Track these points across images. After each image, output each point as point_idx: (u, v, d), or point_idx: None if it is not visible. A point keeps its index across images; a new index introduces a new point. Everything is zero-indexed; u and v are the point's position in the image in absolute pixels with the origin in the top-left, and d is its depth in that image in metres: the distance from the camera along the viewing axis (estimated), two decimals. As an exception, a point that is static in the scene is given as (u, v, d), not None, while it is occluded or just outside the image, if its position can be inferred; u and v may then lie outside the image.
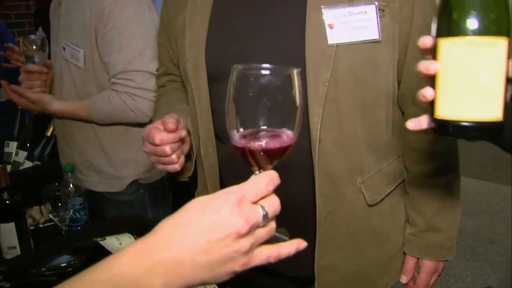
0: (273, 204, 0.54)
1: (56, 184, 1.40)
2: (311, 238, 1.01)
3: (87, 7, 1.41)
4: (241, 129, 0.59)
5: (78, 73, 1.46)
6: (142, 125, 1.48)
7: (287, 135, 0.59)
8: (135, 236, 1.10)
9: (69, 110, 1.49)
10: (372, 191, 1.04)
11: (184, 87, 1.15)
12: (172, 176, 1.68)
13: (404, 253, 1.12)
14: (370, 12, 0.94)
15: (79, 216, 1.43)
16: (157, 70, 1.34)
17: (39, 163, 1.80)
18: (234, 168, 0.92)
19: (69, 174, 1.42)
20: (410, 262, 1.11)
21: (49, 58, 1.58)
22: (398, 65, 1.02)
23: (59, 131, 1.60)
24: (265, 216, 0.52)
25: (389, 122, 1.04)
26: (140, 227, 1.14)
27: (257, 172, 0.61)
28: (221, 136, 1.07)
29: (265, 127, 0.58)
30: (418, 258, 1.11)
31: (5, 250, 1.24)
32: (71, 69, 1.47)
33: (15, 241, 1.23)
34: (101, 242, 1.03)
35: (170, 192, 1.64)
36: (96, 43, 1.41)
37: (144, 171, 1.54)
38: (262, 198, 0.53)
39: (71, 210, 1.40)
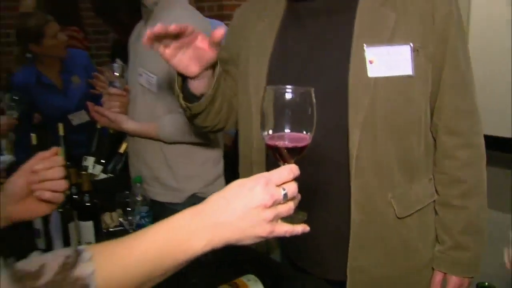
0: (292, 188, 0.70)
1: (127, 192, 1.61)
2: (345, 242, 1.14)
3: (162, 41, 1.63)
4: (271, 132, 0.76)
5: (151, 97, 1.68)
6: (203, 144, 1.68)
7: (305, 137, 0.77)
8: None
9: (140, 129, 1.71)
10: (402, 206, 1.15)
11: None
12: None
13: (433, 268, 1.22)
14: (405, 52, 1.09)
15: (144, 222, 1.62)
16: None
17: (112, 175, 2.03)
18: None
19: (138, 185, 1.63)
20: (438, 276, 1.20)
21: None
22: (431, 98, 1.15)
23: (130, 147, 1.82)
24: (285, 195, 0.69)
25: (420, 147, 1.16)
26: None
27: (282, 165, 0.78)
28: None
29: (289, 131, 0.76)
30: (445, 273, 1.19)
31: (83, 245, 1.45)
32: (145, 93, 1.70)
33: (92, 238, 1.44)
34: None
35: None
36: (169, 71, 1.63)
37: (203, 186, 1.72)
38: (285, 183, 0.69)
39: (138, 216, 1.60)
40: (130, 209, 1.58)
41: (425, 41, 1.09)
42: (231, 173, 2.06)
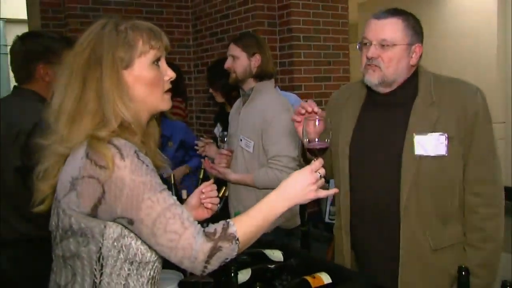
0: (322, 171, 1.30)
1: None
2: (396, 264, 1.67)
3: (257, 117, 2.31)
4: (308, 141, 1.40)
5: (248, 156, 2.34)
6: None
7: (326, 143, 1.39)
8: (282, 253, 1.84)
9: (240, 179, 2.35)
10: (436, 241, 1.67)
11: None
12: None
13: None
14: (442, 138, 1.64)
15: (241, 246, 2.23)
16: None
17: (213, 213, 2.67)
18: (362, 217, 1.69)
19: (237, 219, 2.24)
20: None
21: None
22: (463, 169, 1.66)
23: (232, 192, 2.47)
24: (320, 176, 1.28)
25: (454, 202, 1.68)
26: (284, 248, 1.88)
27: (314, 159, 1.35)
28: (356, 195, 1.78)
29: (317, 140, 1.40)
30: None
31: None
32: (244, 153, 2.36)
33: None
34: (262, 250, 1.80)
35: (299, 237, 2.39)
36: (261, 138, 2.28)
37: (285, 221, 2.32)
38: (318, 169, 1.29)
39: (238, 241, 2.21)
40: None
41: (458, 130, 1.63)
42: (301, 212, 2.64)
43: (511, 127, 5.60)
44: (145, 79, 1.23)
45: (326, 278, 1.60)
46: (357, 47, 1.73)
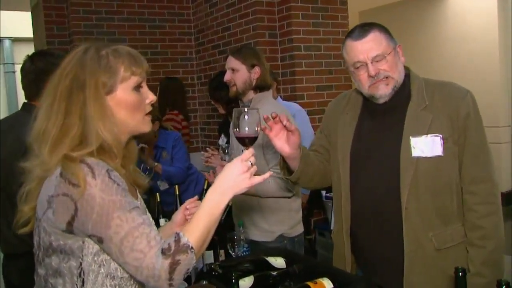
0: (252, 159, 1.30)
1: (234, 232, 2.26)
2: (400, 265, 1.69)
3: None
4: (238, 130, 1.42)
5: (250, 165, 2.38)
6: (287, 198, 2.32)
7: (255, 133, 1.42)
8: (285, 259, 1.87)
9: (243, 188, 2.39)
10: (439, 242, 1.69)
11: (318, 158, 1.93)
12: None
13: None
14: (437, 140, 1.68)
15: (246, 254, 2.26)
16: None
17: (218, 223, 2.71)
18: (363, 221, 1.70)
19: (240, 228, 2.28)
20: None
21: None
22: (459, 169, 1.71)
23: (234, 201, 2.50)
24: (251, 164, 1.29)
25: (453, 202, 1.71)
26: (286, 255, 1.91)
27: (245, 149, 1.37)
28: (357, 199, 1.81)
29: (247, 129, 1.42)
30: None
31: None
32: (246, 163, 2.40)
33: (211, 260, 2.09)
34: (265, 258, 1.83)
35: (303, 245, 2.42)
36: (262, 147, 2.32)
37: (288, 228, 2.35)
38: (248, 158, 1.29)
39: (242, 250, 2.24)
40: (236, 244, 2.24)
41: (452, 131, 1.68)
42: (307, 220, 2.67)
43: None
44: (126, 104, 1.26)
45: (327, 284, 1.62)
46: (351, 71, 1.77)
